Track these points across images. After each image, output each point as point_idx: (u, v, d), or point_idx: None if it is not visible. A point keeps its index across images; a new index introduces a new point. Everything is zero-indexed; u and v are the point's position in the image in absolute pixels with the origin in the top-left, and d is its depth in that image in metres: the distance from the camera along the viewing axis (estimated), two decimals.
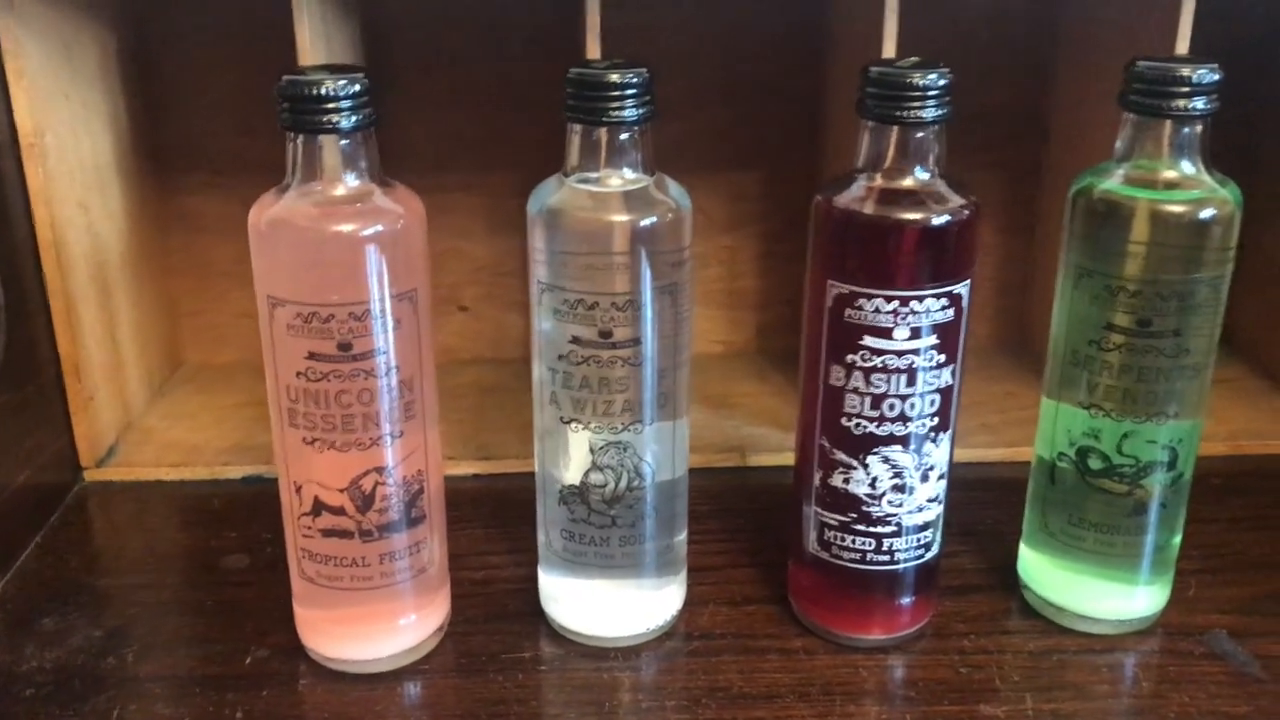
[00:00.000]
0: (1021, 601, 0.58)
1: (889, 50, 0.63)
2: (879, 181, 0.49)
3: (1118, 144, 0.51)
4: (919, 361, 0.49)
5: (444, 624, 0.56)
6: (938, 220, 0.48)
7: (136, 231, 0.76)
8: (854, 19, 0.71)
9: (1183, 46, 0.62)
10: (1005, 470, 0.70)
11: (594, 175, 0.50)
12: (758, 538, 0.64)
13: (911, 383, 0.50)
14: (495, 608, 0.58)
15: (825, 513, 0.53)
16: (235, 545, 0.64)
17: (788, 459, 0.71)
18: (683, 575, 0.57)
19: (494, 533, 0.65)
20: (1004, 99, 0.81)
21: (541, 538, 0.56)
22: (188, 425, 0.76)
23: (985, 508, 0.66)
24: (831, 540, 0.53)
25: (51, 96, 0.66)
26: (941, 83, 0.47)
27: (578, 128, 0.49)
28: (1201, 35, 0.63)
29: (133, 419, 0.76)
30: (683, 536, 0.56)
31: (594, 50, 0.63)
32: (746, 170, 0.82)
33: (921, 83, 0.47)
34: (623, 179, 0.49)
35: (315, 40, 0.63)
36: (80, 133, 0.69)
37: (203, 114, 0.79)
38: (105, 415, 0.72)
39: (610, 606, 0.55)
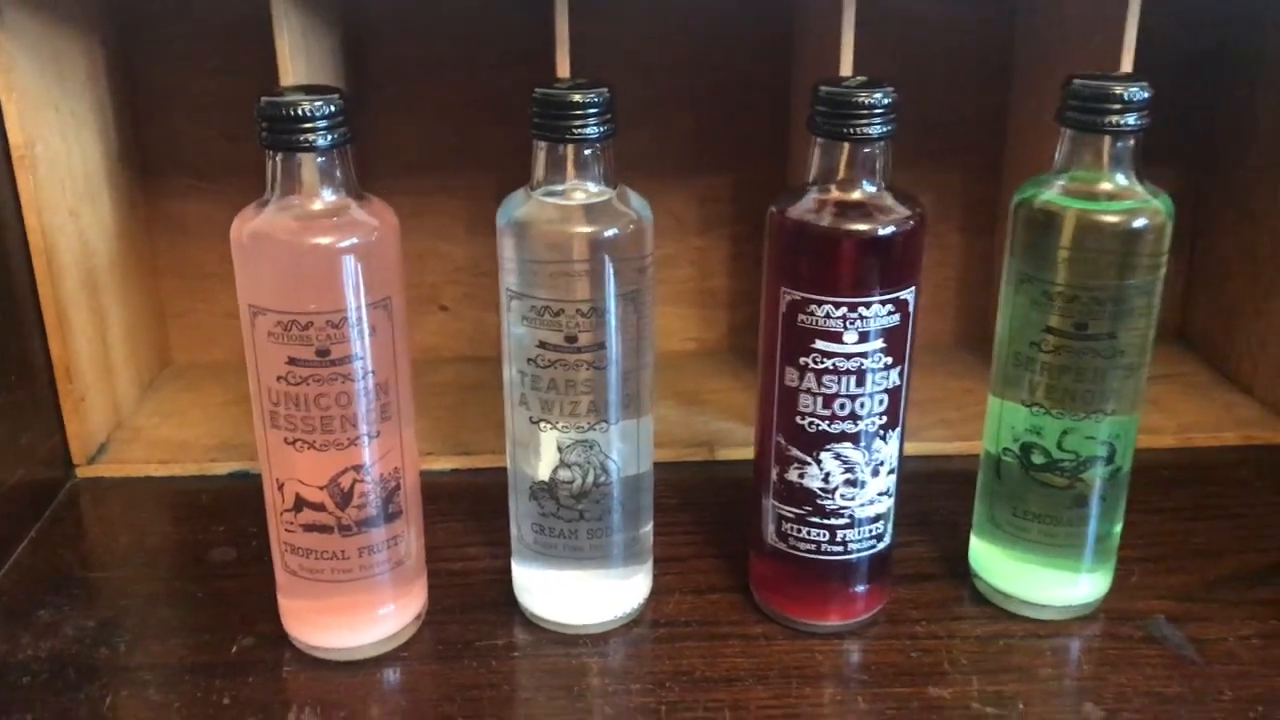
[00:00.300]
0: (972, 589, 0.61)
1: (846, 60, 0.66)
2: (829, 194, 0.52)
3: (1056, 157, 0.54)
4: (868, 364, 0.52)
5: (422, 613, 0.59)
6: (884, 231, 0.51)
7: (125, 236, 0.79)
8: (816, 30, 0.73)
9: (1127, 59, 0.65)
10: (962, 463, 0.72)
11: (559, 188, 0.52)
12: (723, 529, 0.67)
13: (861, 383, 0.52)
14: (471, 598, 0.61)
15: (782, 506, 0.56)
16: (222, 539, 0.67)
17: (751, 453, 0.74)
18: (649, 565, 0.60)
19: (471, 526, 0.68)
20: (965, 104, 0.83)
21: (514, 531, 0.58)
22: (176, 423, 0.79)
23: (941, 499, 0.69)
24: (788, 532, 0.56)
25: (42, 108, 0.68)
26: (887, 101, 0.50)
27: (543, 144, 0.52)
28: (1155, 44, 0.66)
29: (123, 417, 0.79)
30: (648, 528, 0.59)
31: (563, 63, 0.66)
32: (716, 174, 0.85)
33: (868, 101, 0.50)
34: (586, 192, 0.52)
35: (295, 53, 0.66)
36: (70, 142, 0.72)
37: (188, 122, 0.82)
38: (96, 414, 0.74)
39: (579, 596, 0.58)
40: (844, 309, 0.51)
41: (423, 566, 0.59)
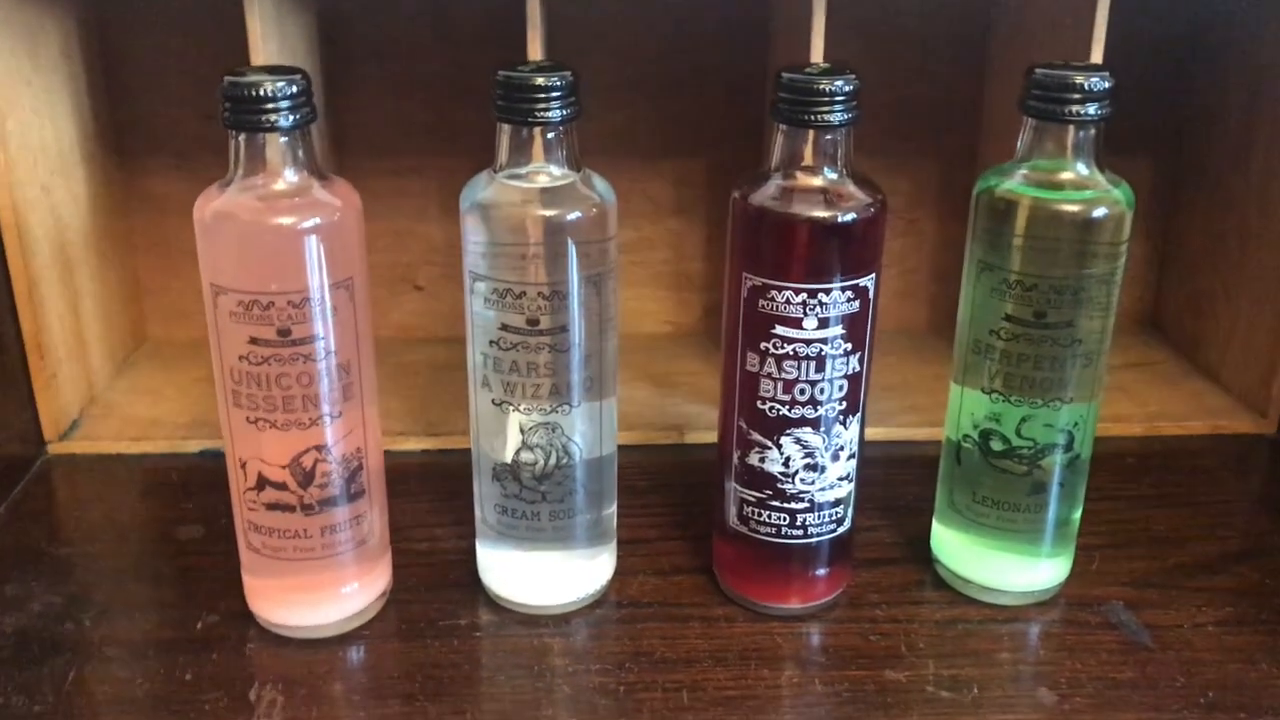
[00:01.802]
0: (934, 574, 0.62)
1: (817, 45, 0.66)
2: (791, 180, 0.52)
3: (1018, 145, 0.54)
4: (827, 350, 0.52)
5: (386, 591, 0.59)
6: (844, 217, 0.51)
7: (100, 213, 0.79)
8: (790, 15, 0.73)
9: (1098, 50, 0.65)
10: (930, 449, 0.72)
11: (522, 171, 0.52)
12: (690, 512, 0.67)
13: (820, 369, 0.53)
14: (436, 577, 0.62)
15: (744, 489, 0.56)
16: (191, 516, 0.67)
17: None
18: (612, 546, 0.60)
19: (438, 505, 0.68)
20: (939, 89, 0.84)
21: (477, 511, 0.59)
22: (149, 400, 0.79)
23: (908, 484, 0.69)
24: (750, 515, 0.56)
25: (14, 83, 0.68)
26: (848, 88, 0.50)
27: (506, 127, 0.52)
28: (1125, 32, 0.66)
29: (96, 394, 0.79)
30: (611, 510, 0.59)
31: (534, 45, 0.66)
32: (692, 157, 0.85)
33: (829, 89, 0.50)
34: (550, 175, 0.52)
35: (268, 32, 0.66)
36: (43, 118, 0.72)
37: (164, 99, 0.82)
38: (68, 391, 0.75)
39: (542, 576, 0.58)
40: (804, 295, 0.51)
41: (387, 546, 0.59)
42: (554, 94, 0.50)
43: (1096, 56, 0.65)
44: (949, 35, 0.82)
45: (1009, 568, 0.59)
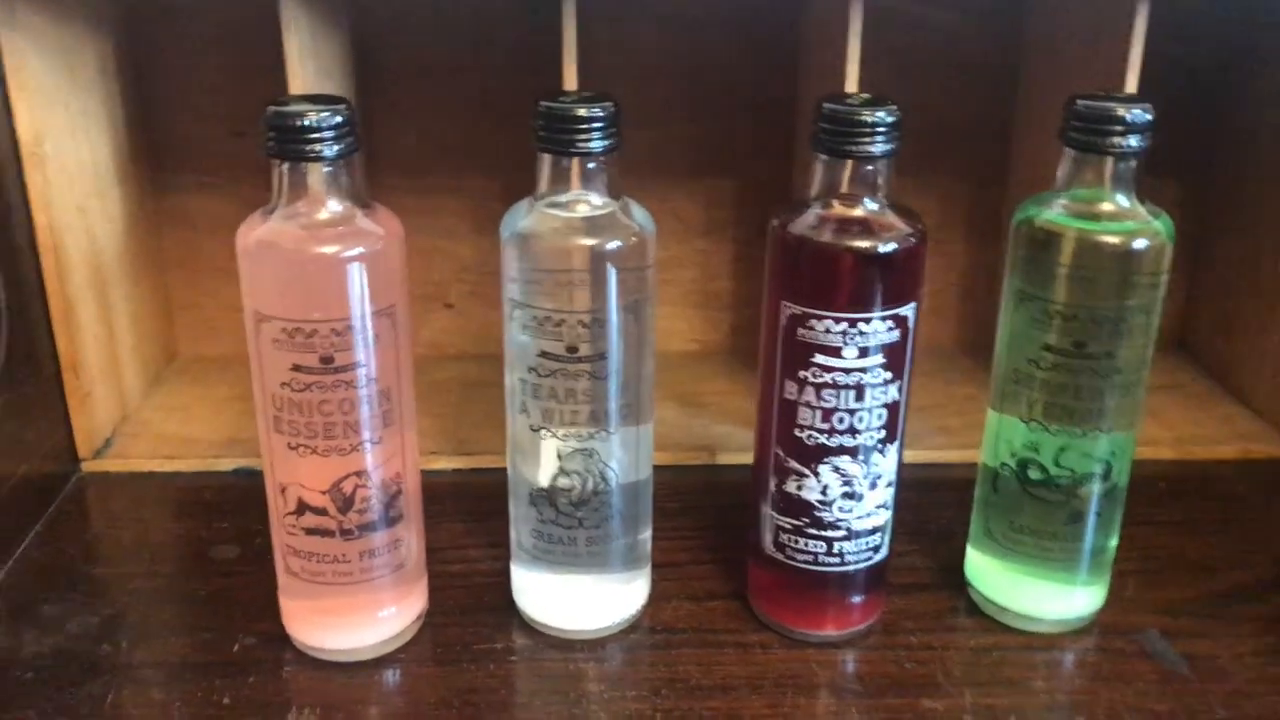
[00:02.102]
0: (968, 600, 0.62)
1: (852, 72, 0.66)
2: (832, 209, 0.52)
3: (1058, 175, 0.54)
4: (866, 379, 0.52)
5: (422, 614, 0.59)
6: (884, 248, 0.51)
7: (133, 231, 0.79)
8: (822, 37, 0.73)
9: (1133, 74, 0.65)
10: (962, 472, 0.72)
11: (563, 199, 0.53)
12: (722, 535, 0.67)
13: (860, 398, 0.53)
14: (471, 600, 0.62)
15: (780, 516, 0.56)
16: (225, 536, 0.68)
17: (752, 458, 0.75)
18: (647, 570, 0.60)
19: (472, 527, 0.68)
20: (970, 109, 0.84)
21: (513, 534, 0.59)
22: (181, 418, 0.79)
23: (939, 509, 0.69)
24: (786, 542, 0.56)
25: (51, 105, 0.69)
26: (890, 120, 0.50)
27: (547, 156, 0.52)
28: (1156, 55, 0.66)
29: (129, 412, 0.79)
30: (647, 534, 0.59)
31: (570, 73, 0.66)
32: (721, 177, 0.85)
33: (871, 119, 0.50)
34: (590, 204, 0.53)
35: (304, 54, 0.66)
36: (79, 139, 0.72)
37: (196, 118, 0.82)
38: (102, 409, 0.75)
39: (577, 601, 0.58)
40: (844, 324, 0.51)
41: (423, 568, 0.59)
42: (595, 124, 0.51)
43: (1132, 82, 0.65)
44: (979, 58, 0.82)
45: (1045, 595, 0.59)
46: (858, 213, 0.52)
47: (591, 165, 0.52)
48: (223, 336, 0.88)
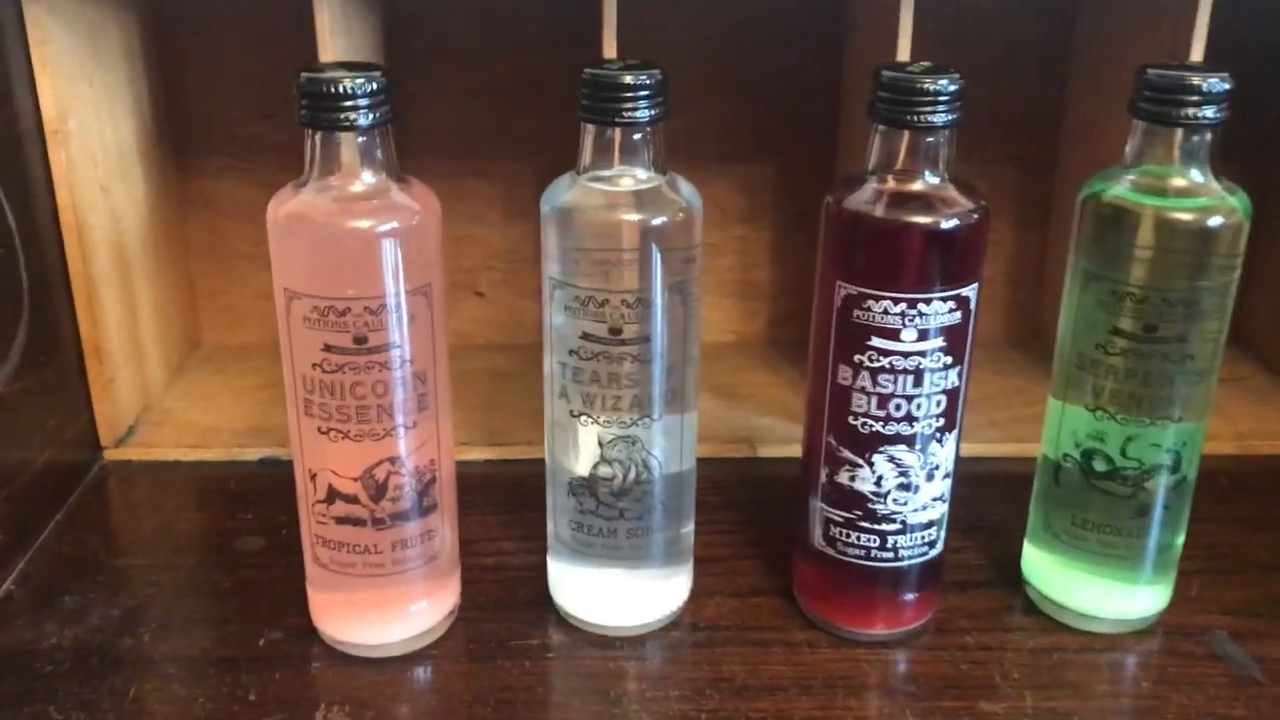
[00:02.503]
0: (1024, 598, 0.59)
1: (904, 46, 0.64)
2: (889, 184, 0.50)
3: (1127, 150, 0.51)
4: (926, 363, 0.50)
5: (454, 609, 0.57)
6: (946, 224, 0.48)
7: (157, 214, 0.77)
8: (870, 12, 0.71)
9: (1198, 50, 0.62)
10: (1012, 466, 0.70)
11: (607, 174, 0.50)
12: (765, 529, 0.64)
13: (918, 383, 0.50)
14: (505, 594, 0.59)
15: (831, 509, 0.54)
16: (250, 527, 0.65)
17: (796, 451, 0.71)
18: (689, 565, 0.58)
19: (506, 519, 0.66)
20: (1020, 93, 0.81)
21: (550, 527, 0.56)
22: (205, 406, 0.77)
23: (992, 504, 0.66)
24: (836, 536, 0.54)
25: (76, 82, 0.67)
26: (952, 88, 0.48)
27: (591, 127, 0.50)
28: (1219, 38, 0.63)
29: (152, 400, 0.77)
30: (690, 527, 0.57)
31: (610, 46, 0.63)
32: (761, 161, 0.83)
33: (933, 88, 0.47)
34: (635, 178, 0.50)
35: (336, 30, 0.64)
36: (103, 117, 0.70)
37: (223, 98, 0.80)
38: (125, 396, 0.73)
39: (617, 596, 0.56)
40: (903, 305, 0.49)
41: (456, 561, 0.57)
42: (642, 93, 0.48)
43: (1197, 58, 0.62)
44: (1030, 36, 0.80)
45: (1107, 594, 0.56)
46: (917, 187, 0.50)
47: (637, 137, 0.50)
48: (248, 325, 0.86)
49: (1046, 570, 0.58)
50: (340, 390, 0.49)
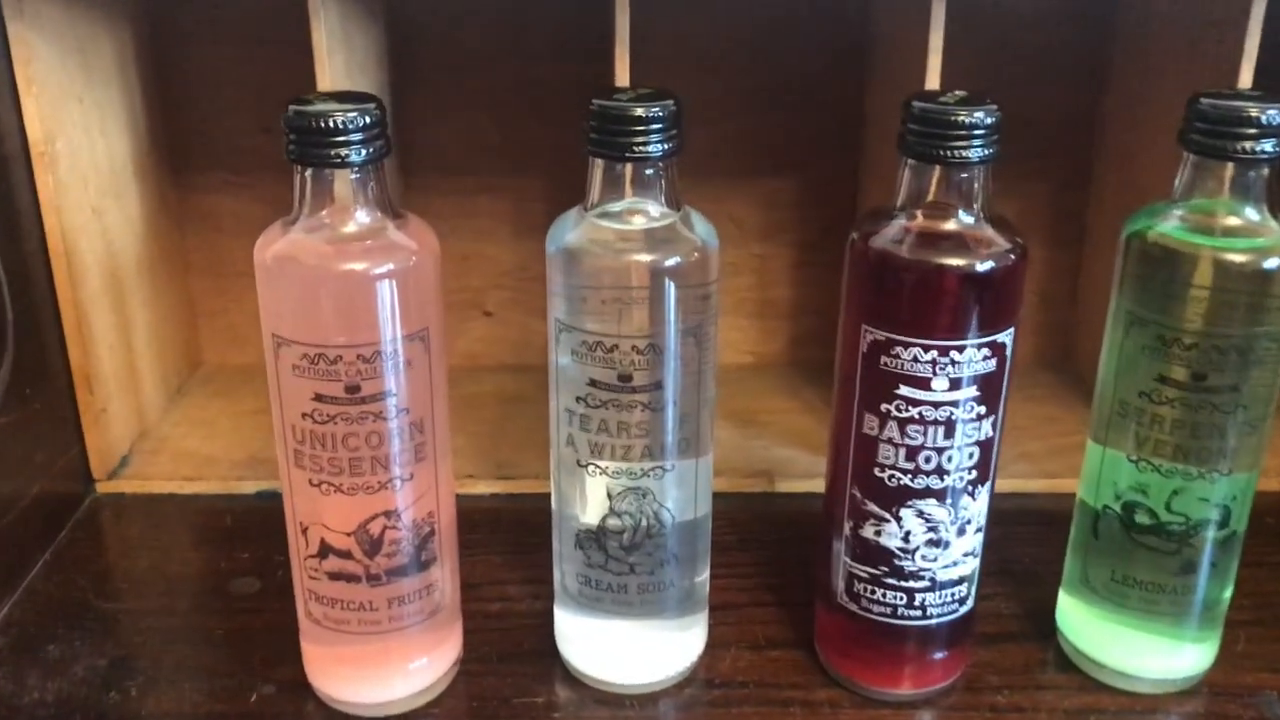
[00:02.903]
0: (1058, 651, 0.56)
1: (934, 64, 0.60)
2: (919, 221, 0.46)
3: (1176, 183, 0.48)
4: (958, 413, 0.46)
5: (456, 662, 0.54)
6: (982, 266, 0.45)
7: (153, 233, 0.75)
8: (895, 22, 0.67)
9: (1246, 72, 0.58)
10: (1045, 503, 0.67)
11: (616, 210, 0.47)
12: (784, 573, 0.61)
13: (950, 435, 0.47)
14: (509, 645, 0.56)
15: (855, 564, 0.50)
16: (246, 567, 0.63)
17: (817, 485, 0.68)
18: (704, 616, 0.55)
19: (511, 560, 0.63)
20: (1053, 105, 0.77)
21: (557, 575, 0.53)
22: (203, 434, 0.75)
23: (1023, 544, 0.63)
24: (861, 592, 0.51)
25: (64, 100, 0.64)
26: (989, 121, 0.44)
27: (600, 161, 0.46)
28: (1268, 57, 0.59)
29: (148, 425, 0.74)
30: (705, 576, 0.54)
31: (623, 63, 0.60)
32: (780, 177, 0.79)
33: (968, 120, 0.44)
34: (647, 215, 0.47)
35: (333, 44, 0.61)
36: (94, 135, 0.67)
37: (221, 112, 0.77)
38: (118, 425, 0.70)
39: (627, 651, 0.53)
40: (934, 352, 0.45)
41: (458, 612, 0.54)
42: (654, 126, 0.45)
43: (1246, 78, 0.59)
44: (1063, 49, 0.76)
45: (1148, 651, 0.53)
46: (950, 225, 0.46)
47: (649, 171, 0.46)
48: (250, 345, 0.83)
49: (1083, 624, 0.54)
50: (332, 442, 0.46)
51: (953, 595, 0.50)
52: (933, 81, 0.60)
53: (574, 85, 0.76)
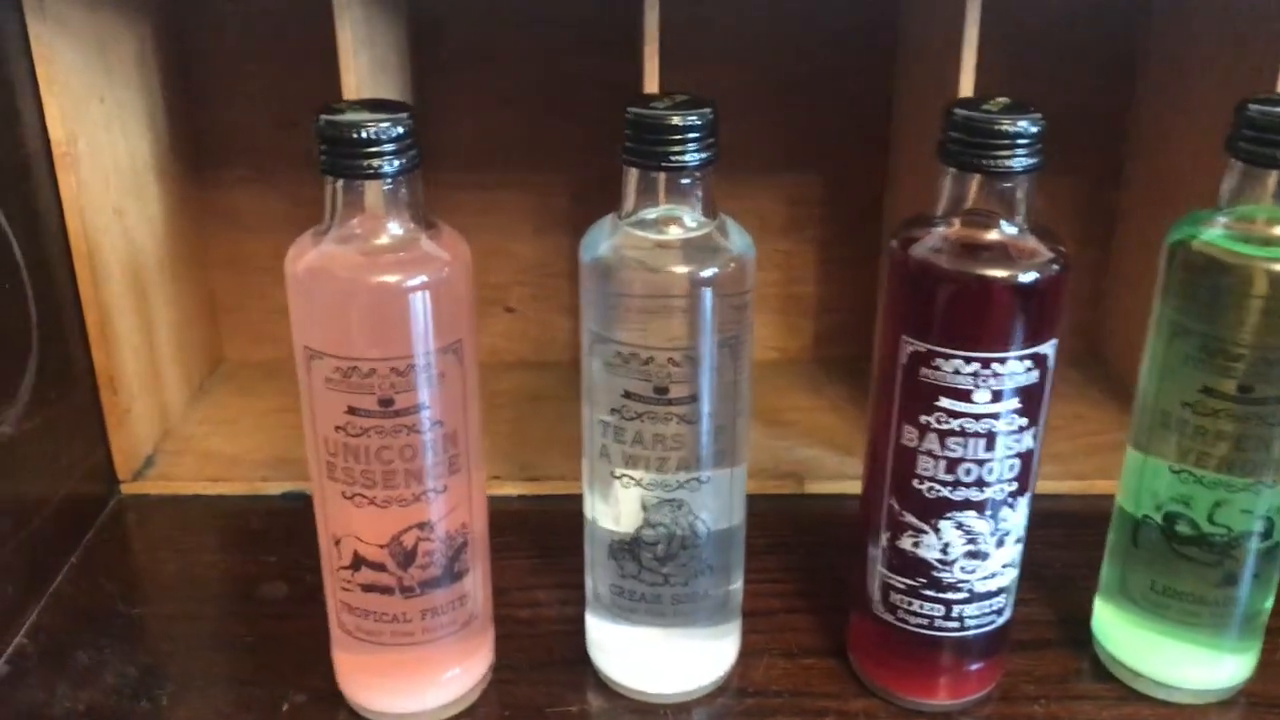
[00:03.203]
0: (1093, 659, 0.55)
1: (968, 58, 0.59)
2: (960, 230, 0.46)
3: (1221, 190, 0.47)
4: (999, 425, 0.46)
5: (488, 671, 0.54)
6: (1026, 277, 0.44)
7: (174, 231, 0.74)
8: (929, 19, 0.66)
9: None
10: (1076, 505, 0.66)
11: (652, 218, 0.46)
12: (816, 578, 0.61)
13: (990, 447, 0.46)
14: (541, 653, 0.56)
15: (892, 574, 0.50)
16: (274, 571, 0.62)
17: (847, 486, 0.68)
18: (737, 624, 0.54)
19: (540, 564, 0.62)
20: (1084, 99, 0.76)
21: (589, 583, 0.53)
22: (227, 433, 0.74)
23: (1055, 548, 0.63)
24: (898, 603, 0.50)
25: (85, 100, 0.63)
26: (1034, 130, 0.43)
27: (634, 170, 0.46)
28: None
29: (171, 425, 0.74)
30: (739, 584, 0.53)
31: (652, 61, 0.59)
32: (805, 172, 0.78)
33: (1011, 130, 0.43)
34: (682, 226, 0.46)
35: (358, 40, 0.60)
36: (115, 134, 0.66)
37: (242, 107, 0.76)
38: (142, 426, 0.70)
39: (661, 660, 0.52)
40: (976, 365, 0.45)
41: (490, 622, 0.53)
42: (691, 134, 0.44)
43: None
44: (1095, 42, 0.75)
45: (1187, 662, 0.52)
46: (992, 235, 0.45)
47: (685, 180, 0.46)
48: (271, 341, 0.83)
49: (1120, 632, 0.54)
50: (365, 454, 0.46)
51: (991, 606, 0.50)
52: (966, 77, 0.59)
53: (597, 80, 0.75)
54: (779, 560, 0.62)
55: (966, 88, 0.59)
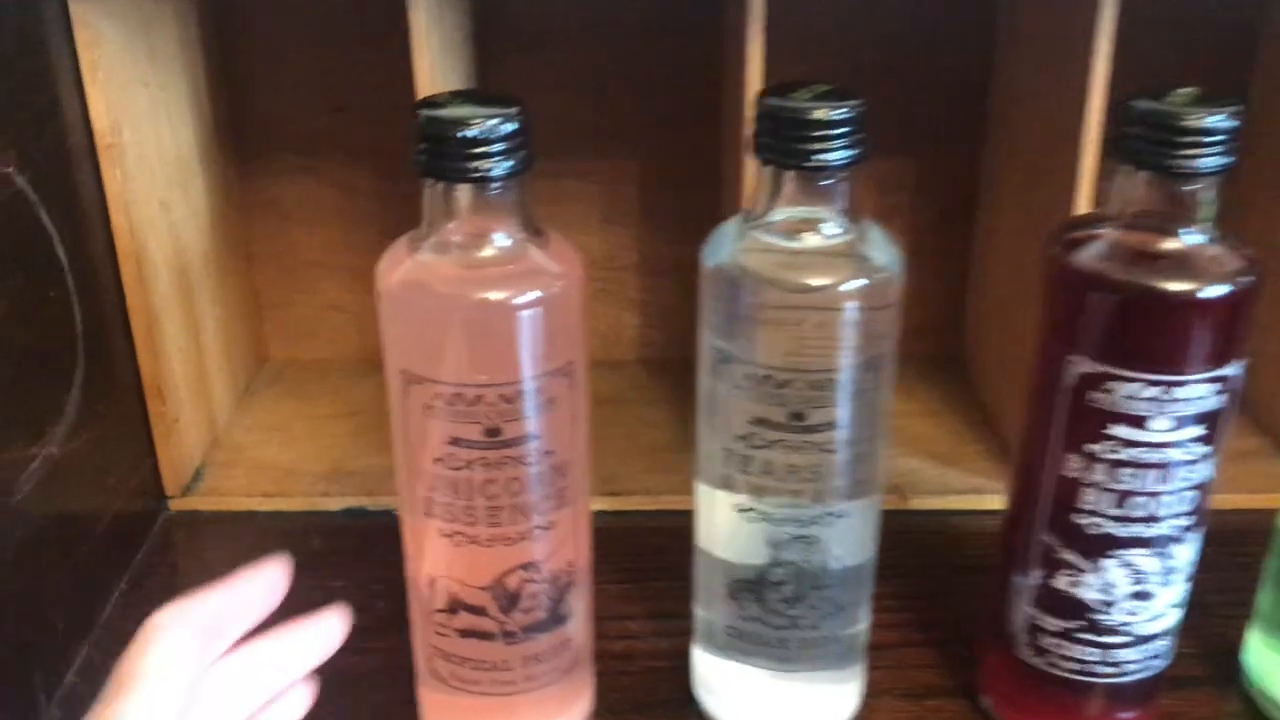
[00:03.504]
0: (1244, 698, 0.51)
1: (1103, 49, 0.54)
2: (1136, 236, 0.40)
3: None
4: (1175, 455, 0.41)
5: (590, 716, 0.49)
6: (1215, 291, 0.39)
7: (220, 224, 0.69)
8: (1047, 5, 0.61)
9: None
10: (1215, 519, 0.61)
11: (785, 221, 0.41)
12: (933, 607, 0.56)
13: (1165, 479, 0.41)
14: (640, 692, 0.51)
15: (1044, 615, 0.45)
16: (342, 597, 0.57)
17: (950, 502, 0.63)
18: (862, 667, 0.49)
19: (628, 589, 0.58)
20: (1199, 78, 0.70)
21: (699, 617, 0.48)
22: (279, 440, 0.69)
23: (1199, 570, 0.57)
24: (1049, 647, 0.45)
25: (130, 85, 0.58)
26: (1229, 124, 0.38)
27: (768, 169, 0.40)
28: None
29: (219, 433, 0.69)
30: (866, 623, 0.48)
31: (755, 50, 0.54)
32: (897, 157, 0.73)
33: (1204, 125, 0.38)
34: (821, 233, 0.41)
35: (431, 23, 0.55)
36: (160, 122, 0.61)
37: (290, 92, 0.71)
38: (190, 436, 0.65)
39: (779, 703, 0.48)
40: (1156, 389, 0.40)
41: (591, 662, 0.49)
42: (838, 130, 0.39)
43: None
44: (1209, 32, 0.69)
45: None
46: (1170, 244, 0.40)
47: (826, 181, 0.40)
48: (318, 338, 0.78)
49: (1278, 670, 0.49)
50: (468, 489, 0.41)
51: (1152, 650, 0.45)
52: (1099, 72, 0.54)
53: (669, 63, 0.70)
54: (891, 586, 0.57)
55: (1099, 79, 0.54)
